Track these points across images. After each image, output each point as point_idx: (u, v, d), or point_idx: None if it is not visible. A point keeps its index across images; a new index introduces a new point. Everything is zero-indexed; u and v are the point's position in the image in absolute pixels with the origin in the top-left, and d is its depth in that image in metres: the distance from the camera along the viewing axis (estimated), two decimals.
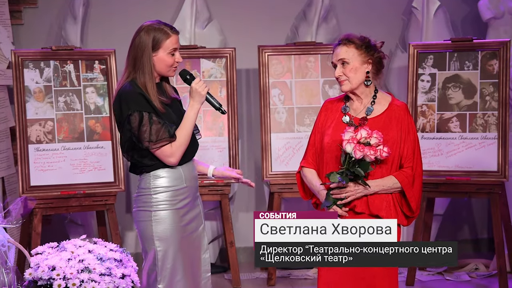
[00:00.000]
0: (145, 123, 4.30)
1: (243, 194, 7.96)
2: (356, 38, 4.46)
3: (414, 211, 4.47)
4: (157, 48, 4.38)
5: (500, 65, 6.79)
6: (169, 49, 4.39)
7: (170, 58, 4.41)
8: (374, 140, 4.29)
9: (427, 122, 6.97)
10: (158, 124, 4.31)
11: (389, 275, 4.50)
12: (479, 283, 6.97)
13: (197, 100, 4.43)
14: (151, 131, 4.31)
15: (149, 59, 4.37)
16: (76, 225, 7.45)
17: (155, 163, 4.36)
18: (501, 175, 6.72)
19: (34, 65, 6.73)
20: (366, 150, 4.25)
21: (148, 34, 4.38)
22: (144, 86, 4.35)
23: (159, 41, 4.38)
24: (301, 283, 7.08)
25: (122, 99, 4.34)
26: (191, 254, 4.48)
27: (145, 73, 4.37)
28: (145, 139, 4.30)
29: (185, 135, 4.38)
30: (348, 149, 4.26)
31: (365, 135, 4.28)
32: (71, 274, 5.20)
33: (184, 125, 4.40)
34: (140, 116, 4.30)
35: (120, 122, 4.35)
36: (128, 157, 4.42)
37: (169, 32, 4.41)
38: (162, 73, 4.44)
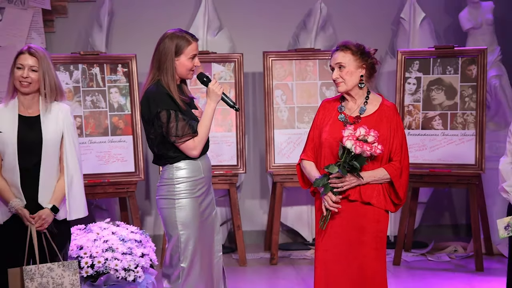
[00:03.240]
0: (172, 120, 4.32)
1: (249, 183, 7.96)
2: (352, 45, 4.46)
3: (402, 199, 4.47)
4: (179, 53, 4.39)
5: (478, 70, 6.79)
6: (189, 55, 4.41)
7: (190, 62, 4.42)
8: (371, 138, 4.30)
9: (413, 120, 6.97)
10: (183, 121, 4.34)
11: (378, 256, 4.51)
12: (458, 263, 6.97)
13: (214, 100, 4.45)
14: (177, 127, 4.33)
15: (172, 63, 4.39)
16: (101, 210, 7.47)
17: (178, 155, 4.38)
18: (478, 168, 6.72)
19: (65, 68, 6.75)
20: (365, 147, 4.26)
21: (171, 41, 4.40)
22: (168, 87, 4.37)
23: (181, 48, 4.39)
24: (300, 262, 7.08)
25: (150, 98, 4.35)
26: (207, 236, 4.50)
27: (169, 75, 4.39)
28: (172, 134, 4.32)
29: (205, 130, 4.41)
30: (348, 145, 4.27)
31: (363, 133, 4.29)
32: (97, 253, 5.23)
33: (203, 122, 4.42)
34: (168, 114, 4.32)
35: (149, 118, 4.37)
36: (155, 149, 4.43)
37: (190, 40, 4.43)
38: (183, 76, 4.45)
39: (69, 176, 4.36)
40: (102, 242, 5.31)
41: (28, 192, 4.31)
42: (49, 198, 4.34)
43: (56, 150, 4.35)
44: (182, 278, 4.41)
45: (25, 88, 4.31)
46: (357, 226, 4.46)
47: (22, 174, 4.30)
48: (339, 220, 4.47)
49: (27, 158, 4.30)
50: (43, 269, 4.27)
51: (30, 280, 4.23)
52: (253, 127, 7.90)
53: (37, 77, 4.30)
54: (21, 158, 4.28)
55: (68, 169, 4.36)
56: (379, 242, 4.50)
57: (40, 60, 4.30)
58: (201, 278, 4.45)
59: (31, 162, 4.30)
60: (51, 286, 4.29)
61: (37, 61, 4.30)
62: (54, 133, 4.34)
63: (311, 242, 7.61)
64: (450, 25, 8.01)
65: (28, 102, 4.35)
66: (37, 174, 4.30)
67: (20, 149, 4.28)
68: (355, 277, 4.49)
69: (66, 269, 4.33)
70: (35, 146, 4.30)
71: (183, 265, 4.40)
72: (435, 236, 7.87)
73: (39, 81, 4.31)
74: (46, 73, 4.31)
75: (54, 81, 4.35)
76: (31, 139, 4.30)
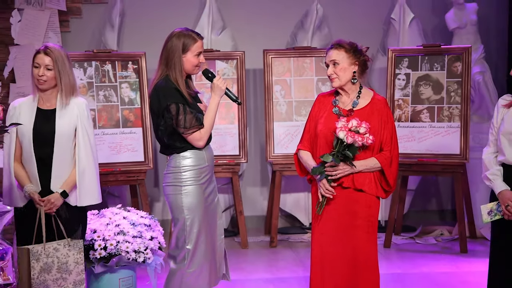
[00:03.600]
0: (181, 113, 4.32)
1: (250, 172, 7.97)
2: (346, 43, 4.46)
3: (392, 186, 4.47)
4: (186, 51, 4.39)
5: (463, 66, 6.78)
6: (195, 52, 4.41)
7: (196, 59, 4.43)
8: (363, 129, 4.30)
9: (402, 114, 6.97)
10: (191, 114, 4.34)
11: (370, 239, 4.51)
12: (444, 245, 6.98)
13: (218, 94, 4.46)
14: (185, 120, 4.33)
15: (180, 60, 4.39)
16: (113, 197, 7.48)
17: (184, 145, 4.38)
18: (463, 157, 6.72)
19: (79, 65, 6.74)
20: (356, 137, 4.26)
21: (178, 39, 4.39)
22: (176, 81, 4.37)
23: (188, 45, 4.39)
24: (298, 245, 7.09)
25: (160, 92, 4.35)
26: (210, 221, 4.50)
27: (177, 71, 4.38)
28: (180, 126, 4.33)
29: (210, 122, 4.41)
30: (340, 135, 4.27)
31: (355, 125, 4.29)
32: (109, 236, 5.23)
33: (208, 115, 4.42)
34: (177, 107, 4.32)
35: (159, 111, 4.36)
36: (165, 139, 4.43)
37: (196, 38, 4.43)
38: (189, 72, 4.45)
39: (80, 166, 4.35)
40: (114, 226, 5.31)
41: (42, 180, 4.32)
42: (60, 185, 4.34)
43: (70, 141, 4.35)
44: (187, 259, 4.42)
45: (42, 85, 4.32)
46: (350, 211, 4.47)
47: (41, 165, 4.31)
48: (334, 206, 4.48)
49: (41, 148, 4.30)
50: (49, 250, 4.26)
51: (36, 261, 4.21)
52: (254, 119, 7.90)
53: (53, 75, 4.30)
54: (36, 148, 4.29)
55: (79, 159, 4.35)
56: (370, 226, 4.50)
57: (55, 59, 4.30)
58: (205, 259, 4.46)
59: (45, 152, 4.31)
60: (56, 265, 4.27)
61: (52, 60, 4.30)
62: (68, 125, 4.33)
63: (308, 226, 7.62)
64: (437, 25, 8.00)
65: (47, 97, 4.37)
66: (50, 164, 4.31)
67: (35, 140, 4.29)
68: (349, 258, 4.49)
69: (72, 249, 4.33)
70: (49, 137, 4.30)
71: (189, 247, 4.41)
72: (422, 220, 7.88)
73: (55, 78, 4.31)
74: (61, 71, 4.31)
75: (69, 79, 4.34)
76: (46, 130, 4.30)
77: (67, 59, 4.36)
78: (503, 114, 4.41)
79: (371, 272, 4.51)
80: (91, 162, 4.41)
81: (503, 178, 4.36)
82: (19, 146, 4.32)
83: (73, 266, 4.33)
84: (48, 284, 4.25)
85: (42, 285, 4.23)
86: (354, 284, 4.49)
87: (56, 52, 4.32)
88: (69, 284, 4.32)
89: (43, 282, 4.23)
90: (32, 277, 4.21)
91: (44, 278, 4.24)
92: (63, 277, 4.30)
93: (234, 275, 4.89)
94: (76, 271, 4.35)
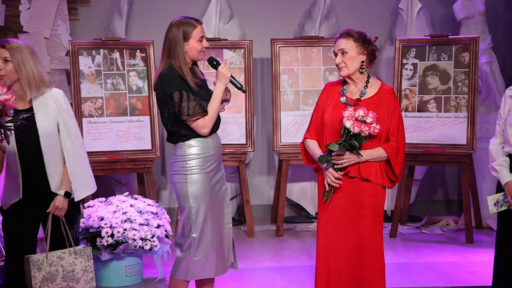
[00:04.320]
0: (184, 100, 4.32)
1: (257, 161, 7.97)
2: (355, 32, 4.45)
3: (397, 177, 4.47)
4: (187, 38, 4.39)
5: (471, 57, 6.76)
6: (197, 37, 4.41)
7: (199, 44, 4.42)
8: (370, 119, 4.29)
9: (409, 104, 6.95)
10: (194, 101, 4.33)
11: (375, 229, 4.51)
12: (450, 235, 6.97)
13: (223, 82, 4.45)
14: (189, 107, 4.33)
15: (182, 48, 4.39)
16: (120, 184, 7.49)
17: (189, 133, 4.38)
18: (470, 148, 6.71)
19: (87, 53, 6.74)
20: (363, 127, 4.25)
21: (178, 28, 4.39)
22: (180, 70, 4.37)
23: (188, 33, 4.40)
24: (304, 234, 7.09)
25: (164, 80, 4.35)
26: (217, 209, 4.50)
27: (180, 60, 4.39)
28: (184, 113, 4.32)
29: (215, 110, 4.40)
30: (347, 125, 4.26)
31: (362, 114, 4.28)
32: (116, 223, 5.25)
33: (213, 102, 4.42)
34: (180, 94, 4.32)
35: (163, 98, 4.37)
36: (169, 127, 4.43)
37: (195, 24, 4.44)
38: (194, 58, 4.45)
39: (69, 161, 4.22)
40: (121, 213, 5.33)
41: (36, 185, 4.20)
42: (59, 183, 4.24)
43: (55, 138, 4.22)
44: (193, 247, 4.42)
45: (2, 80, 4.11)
46: (356, 201, 4.46)
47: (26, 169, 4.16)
48: (340, 195, 4.47)
49: (28, 152, 4.16)
50: (52, 258, 4.18)
51: (37, 270, 4.13)
52: (261, 108, 7.89)
53: (12, 68, 4.12)
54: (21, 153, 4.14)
55: (67, 155, 4.22)
56: (376, 216, 4.50)
57: (13, 51, 4.12)
58: (211, 247, 4.46)
59: (31, 155, 4.17)
60: (61, 274, 4.19)
61: (9, 52, 4.11)
62: (49, 121, 4.19)
63: (314, 216, 7.62)
64: (445, 15, 7.97)
65: (17, 95, 4.11)
66: (40, 165, 4.18)
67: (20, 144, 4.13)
68: (354, 248, 4.49)
69: (79, 256, 4.25)
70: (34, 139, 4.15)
71: (194, 235, 4.41)
72: (428, 210, 7.87)
73: (16, 71, 4.12)
74: (21, 63, 4.12)
75: (33, 71, 4.15)
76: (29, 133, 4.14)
77: (29, 52, 4.16)
78: (510, 105, 4.39)
79: (376, 261, 4.51)
80: (79, 155, 4.29)
81: (509, 169, 4.35)
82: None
83: (81, 274, 4.25)
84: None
85: None
86: (360, 273, 4.49)
87: (14, 45, 4.14)
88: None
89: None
90: (34, 286, 4.11)
91: (47, 287, 4.16)
92: (70, 285, 4.22)
93: (240, 263, 4.90)
94: (85, 279, 4.26)
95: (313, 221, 7.51)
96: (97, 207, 5.40)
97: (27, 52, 4.16)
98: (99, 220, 5.27)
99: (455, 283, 5.34)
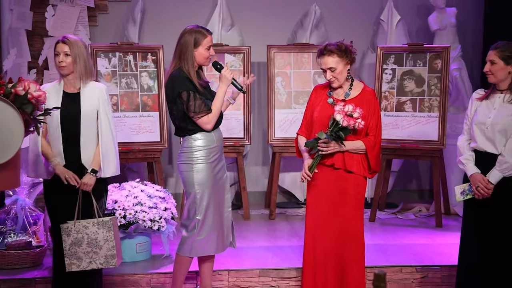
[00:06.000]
0: (191, 99, 4.33)
1: (253, 153, 7.98)
2: (334, 47, 4.40)
3: (372, 167, 4.49)
4: (197, 45, 4.40)
5: (443, 63, 6.77)
6: (206, 46, 4.42)
7: (207, 52, 4.43)
8: (357, 114, 4.31)
9: (388, 104, 6.97)
10: (200, 100, 4.35)
11: (357, 214, 4.54)
12: (421, 220, 6.99)
13: (225, 83, 4.47)
14: (195, 105, 4.34)
15: (192, 54, 4.40)
16: (132, 172, 7.50)
17: (195, 128, 4.40)
18: (440, 143, 6.73)
19: (105, 55, 6.74)
20: (351, 121, 4.28)
21: (191, 35, 4.40)
22: (188, 72, 4.38)
23: (199, 40, 4.40)
24: (294, 218, 7.10)
25: (174, 81, 4.36)
26: (219, 195, 4.52)
27: (189, 63, 4.40)
28: (191, 111, 4.34)
29: (217, 108, 4.42)
30: (337, 118, 4.29)
31: (351, 109, 4.31)
32: (128, 206, 5.27)
33: (216, 101, 4.43)
34: (188, 94, 4.33)
35: (172, 98, 4.38)
36: (177, 123, 4.44)
37: (206, 33, 4.43)
38: (201, 63, 4.46)
39: (103, 143, 4.32)
40: (132, 197, 5.34)
41: (72, 157, 4.29)
42: (89, 158, 4.32)
43: (93, 121, 4.32)
44: (197, 228, 4.45)
45: (63, 71, 4.30)
46: (341, 189, 4.49)
47: (66, 141, 4.28)
48: (327, 184, 4.50)
49: (68, 127, 4.28)
50: (79, 227, 4.26)
51: (66, 236, 4.25)
52: (258, 107, 7.90)
53: (71, 61, 4.28)
54: (63, 128, 4.27)
55: (102, 137, 4.32)
56: (358, 203, 4.52)
57: (72, 46, 4.27)
58: (213, 228, 4.49)
59: (71, 131, 4.28)
60: (86, 240, 4.28)
61: (69, 48, 4.27)
62: (91, 106, 4.31)
63: (303, 202, 7.64)
64: (421, 26, 7.98)
65: (70, 81, 4.34)
66: (76, 141, 4.28)
67: (63, 120, 4.27)
68: (338, 230, 4.52)
69: (101, 227, 4.31)
70: (76, 117, 4.28)
71: (198, 218, 4.43)
72: (404, 198, 7.89)
73: (73, 63, 4.28)
74: (77, 57, 4.27)
75: (85, 64, 4.31)
76: (72, 111, 4.28)
77: (84, 47, 4.32)
78: (477, 106, 4.42)
79: (357, 242, 4.54)
80: (112, 140, 4.37)
81: (474, 162, 4.38)
82: (45, 126, 4.29)
83: (103, 242, 4.32)
84: (79, 256, 4.28)
85: (74, 256, 4.27)
86: (342, 252, 4.52)
87: (72, 40, 4.29)
88: (101, 258, 4.32)
89: (74, 254, 4.27)
90: (64, 248, 4.25)
91: (75, 250, 4.27)
92: (94, 251, 4.31)
93: (237, 243, 4.92)
94: (106, 247, 4.32)
95: (302, 206, 7.52)
96: (111, 192, 5.41)
97: (82, 47, 4.31)
98: (114, 203, 5.28)
99: (426, 262, 5.36)
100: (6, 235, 5.24)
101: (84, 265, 4.29)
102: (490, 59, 4.30)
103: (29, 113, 3.75)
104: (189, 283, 4.99)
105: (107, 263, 4.33)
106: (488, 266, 4.30)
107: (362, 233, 4.55)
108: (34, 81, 4.01)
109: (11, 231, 5.26)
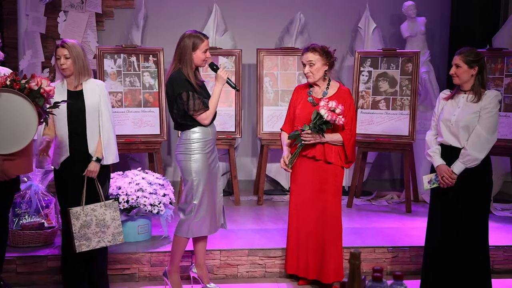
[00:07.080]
0: (191, 99, 4.33)
1: (243, 145, 7.99)
2: (319, 47, 4.47)
3: (348, 158, 4.52)
4: (195, 49, 4.39)
5: (413, 67, 6.80)
6: (203, 49, 4.41)
7: (203, 55, 4.43)
8: (339, 110, 4.34)
9: (364, 102, 6.99)
10: (198, 99, 4.35)
11: (335, 200, 4.56)
12: (393, 207, 7.02)
13: (221, 82, 4.47)
14: (194, 104, 4.34)
15: (190, 56, 4.39)
16: (134, 161, 7.49)
17: (194, 123, 4.40)
18: (411, 138, 6.76)
19: (110, 56, 6.73)
20: (334, 116, 4.30)
21: (189, 39, 4.39)
22: (187, 74, 4.37)
23: (197, 44, 4.39)
24: (279, 204, 7.12)
25: (174, 82, 4.36)
26: (212, 182, 4.53)
27: (188, 65, 4.39)
28: (190, 109, 4.34)
29: (214, 106, 4.42)
30: (322, 112, 4.31)
31: (334, 105, 4.33)
32: (131, 192, 5.26)
33: (213, 99, 4.43)
34: (187, 94, 4.33)
35: (173, 97, 4.37)
36: (178, 120, 4.44)
37: (203, 38, 4.43)
38: (198, 65, 4.45)
39: (104, 134, 4.31)
40: (135, 184, 5.34)
41: (79, 147, 4.28)
42: (95, 148, 4.31)
43: (96, 114, 4.31)
44: (194, 211, 4.46)
45: (65, 72, 4.29)
46: (321, 178, 4.51)
47: (72, 134, 4.27)
48: (309, 174, 4.52)
49: (74, 122, 4.26)
50: (87, 210, 4.27)
51: (76, 219, 4.24)
52: (248, 104, 7.91)
53: (71, 62, 4.27)
54: (69, 122, 4.25)
55: (103, 128, 4.31)
56: (336, 190, 4.55)
57: (70, 49, 4.26)
58: (207, 212, 4.50)
59: (76, 125, 4.27)
60: (94, 222, 4.28)
61: (68, 51, 4.26)
62: (93, 101, 4.30)
63: (288, 189, 7.65)
64: (394, 33, 8.00)
65: (72, 81, 4.32)
66: (82, 134, 4.27)
67: (69, 115, 4.25)
68: (318, 214, 4.54)
69: (108, 208, 4.33)
70: (81, 112, 4.27)
71: (195, 202, 4.44)
72: (378, 187, 7.93)
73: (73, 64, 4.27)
74: (76, 58, 4.27)
75: (83, 63, 4.30)
76: (78, 107, 4.28)
77: (81, 48, 4.31)
78: (443, 105, 4.44)
79: (335, 225, 4.57)
80: (112, 131, 4.37)
81: (440, 155, 4.40)
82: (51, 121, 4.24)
83: (110, 222, 4.33)
84: (89, 237, 4.28)
85: (83, 237, 4.26)
86: (322, 234, 4.55)
87: (70, 44, 4.28)
88: (108, 236, 4.34)
89: (84, 235, 4.27)
90: (74, 231, 4.23)
91: (84, 232, 4.27)
92: (102, 230, 4.32)
93: (228, 226, 4.94)
94: (114, 225, 4.35)
95: (287, 193, 7.54)
96: (115, 179, 5.41)
97: (79, 48, 4.31)
98: (117, 189, 5.29)
99: (396, 244, 5.39)
100: (21, 217, 5.24)
101: (93, 245, 4.30)
102: (455, 63, 4.32)
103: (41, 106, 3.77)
104: (185, 261, 5.01)
105: (114, 240, 4.36)
106: (451, 247, 4.34)
107: (340, 218, 4.58)
108: (45, 77, 4.03)
109: (26, 213, 5.25)
